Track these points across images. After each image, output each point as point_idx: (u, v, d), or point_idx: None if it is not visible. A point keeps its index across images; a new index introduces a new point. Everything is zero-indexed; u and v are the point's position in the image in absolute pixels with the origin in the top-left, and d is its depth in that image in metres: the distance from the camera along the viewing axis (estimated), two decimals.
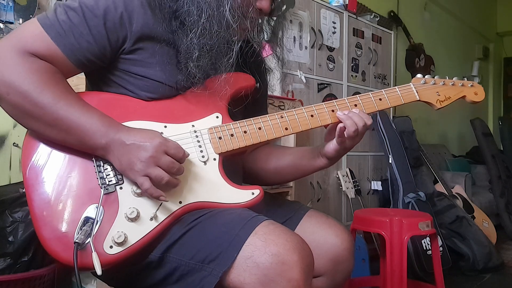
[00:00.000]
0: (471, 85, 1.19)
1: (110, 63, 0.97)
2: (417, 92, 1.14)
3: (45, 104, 0.85)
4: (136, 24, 0.94)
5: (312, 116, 1.07)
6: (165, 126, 0.97)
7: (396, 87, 1.14)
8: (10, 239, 1.58)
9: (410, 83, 1.15)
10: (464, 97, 1.18)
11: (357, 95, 1.12)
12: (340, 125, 1.05)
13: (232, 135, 1.01)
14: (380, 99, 1.11)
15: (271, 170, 1.21)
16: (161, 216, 0.90)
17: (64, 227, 0.86)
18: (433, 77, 1.17)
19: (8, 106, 0.87)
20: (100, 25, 0.91)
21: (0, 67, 0.85)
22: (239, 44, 0.98)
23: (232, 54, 0.96)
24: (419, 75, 1.17)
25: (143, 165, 0.86)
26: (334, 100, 1.10)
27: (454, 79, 1.19)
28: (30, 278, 1.56)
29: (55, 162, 0.90)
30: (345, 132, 1.05)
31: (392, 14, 4.17)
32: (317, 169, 1.17)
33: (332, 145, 1.09)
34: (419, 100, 1.15)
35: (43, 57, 0.89)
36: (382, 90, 1.13)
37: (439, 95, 1.15)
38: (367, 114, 1.07)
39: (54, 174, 0.89)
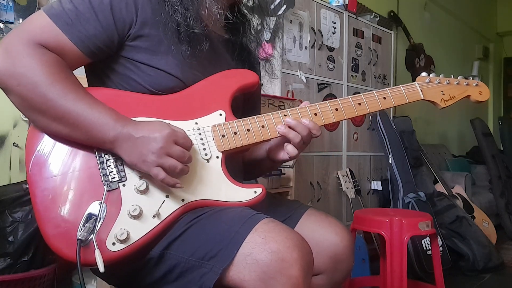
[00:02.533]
0: (476, 85, 1.18)
1: (117, 51, 0.96)
2: (421, 91, 1.12)
3: (53, 97, 0.86)
4: (142, 9, 0.94)
5: (315, 114, 1.06)
6: (168, 123, 0.97)
7: (400, 85, 1.12)
8: (10, 239, 1.58)
9: (415, 82, 1.13)
10: (468, 96, 1.17)
11: (361, 94, 1.10)
12: (288, 146, 1.04)
13: (235, 133, 1.00)
14: (385, 98, 1.10)
15: (248, 162, 1.22)
16: (164, 214, 0.90)
17: (67, 224, 0.86)
18: (438, 76, 1.16)
19: (17, 98, 0.87)
20: (106, 10, 0.91)
21: (11, 59, 0.85)
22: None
23: None
24: (423, 74, 1.15)
25: (155, 156, 0.86)
26: (338, 99, 1.09)
27: (459, 78, 1.18)
28: (30, 278, 1.56)
29: (58, 158, 0.90)
30: (291, 144, 1.04)
31: (392, 14, 4.17)
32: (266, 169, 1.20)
33: (281, 155, 1.09)
34: (423, 99, 1.13)
35: (52, 48, 0.89)
36: (387, 89, 1.12)
37: (444, 94, 1.14)
38: (314, 122, 1.05)
39: (57, 171, 0.89)
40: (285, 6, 2.45)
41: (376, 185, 3.22)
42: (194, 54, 0.98)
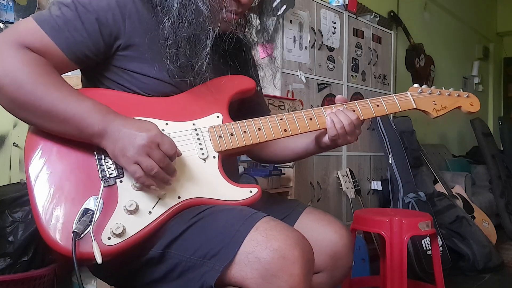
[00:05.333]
0: (467, 96, 1.23)
1: (105, 59, 0.97)
2: (413, 100, 1.17)
3: (39, 96, 0.86)
4: (129, 20, 0.95)
5: (310, 119, 1.09)
6: (167, 124, 0.98)
7: (393, 94, 1.18)
8: (10, 239, 1.59)
9: (407, 92, 1.19)
10: (459, 107, 1.22)
11: (355, 101, 1.14)
12: (328, 124, 1.08)
13: (232, 134, 1.02)
14: (378, 106, 1.14)
15: (288, 153, 1.25)
16: (160, 210, 0.91)
17: (63, 218, 0.86)
18: (430, 87, 1.21)
19: (4, 99, 0.87)
20: (92, 19, 0.92)
21: None
22: (216, 34, 0.99)
23: (208, 43, 0.97)
24: (416, 85, 1.21)
25: (135, 152, 0.86)
26: (333, 105, 1.13)
27: (450, 89, 1.23)
28: (30, 278, 1.56)
29: (57, 154, 0.91)
30: (334, 129, 1.08)
31: (392, 14, 4.18)
32: (310, 154, 1.24)
33: (325, 139, 1.13)
34: (415, 108, 1.18)
35: (38, 51, 0.89)
36: (380, 97, 1.17)
37: (436, 104, 1.19)
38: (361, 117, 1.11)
39: (56, 166, 0.90)
40: (285, 6, 2.45)
41: (376, 185, 3.22)
42: (180, 75, 0.99)
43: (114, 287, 1.16)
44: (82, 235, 0.84)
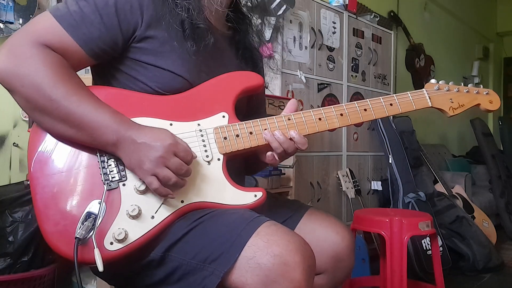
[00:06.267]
0: (487, 93, 1.15)
1: (121, 53, 0.97)
2: (429, 98, 1.10)
3: (57, 98, 0.86)
4: (147, 11, 0.95)
5: (320, 119, 1.04)
6: (171, 124, 0.97)
7: (408, 92, 1.10)
8: (10, 239, 1.59)
9: (424, 89, 1.11)
10: (478, 105, 1.14)
11: (367, 100, 1.08)
12: (269, 153, 1.02)
13: (237, 135, 1.00)
14: (391, 104, 1.08)
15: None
16: (163, 215, 0.90)
17: (66, 222, 0.86)
18: (448, 84, 1.13)
19: (21, 99, 0.87)
20: (111, 13, 0.92)
21: (15, 60, 0.86)
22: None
23: None
24: (433, 81, 1.12)
25: (152, 164, 0.86)
26: (343, 104, 1.07)
27: (469, 86, 1.15)
28: (30, 278, 1.56)
29: (60, 156, 0.91)
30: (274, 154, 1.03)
31: (392, 14, 4.17)
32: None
33: (263, 157, 1.06)
34: (431, 107, 1.11)
35: (57, 49, 0.89)
36: (394, 95, 1.10)
37: (453, 102, 1.12)
38: (304, 137, 1.02)
39: (59, 169, 0.90)
40: (285, 6, 2.45)
41: (376, 185, 3.22)
42: (199, 50, 0.98)
43: (114, 287, 1.16)
44: (84, 240, 0.84)
